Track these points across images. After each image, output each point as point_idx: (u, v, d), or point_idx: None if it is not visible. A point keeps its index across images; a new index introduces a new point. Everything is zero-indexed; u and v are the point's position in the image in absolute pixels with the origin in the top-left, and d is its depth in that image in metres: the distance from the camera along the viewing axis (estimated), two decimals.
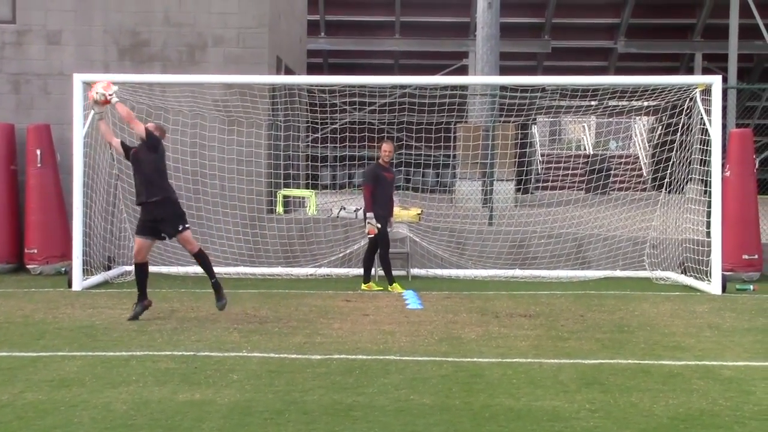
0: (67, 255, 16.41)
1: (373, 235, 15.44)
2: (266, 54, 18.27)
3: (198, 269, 17.12)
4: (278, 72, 19.51)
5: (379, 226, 15.36)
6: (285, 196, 18.90)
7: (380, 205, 15.43)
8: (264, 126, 18.03)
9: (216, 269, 16.91)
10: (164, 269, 17.29)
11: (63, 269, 16.80)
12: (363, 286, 15.46)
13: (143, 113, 17.67)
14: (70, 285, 15.28)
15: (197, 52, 18.21)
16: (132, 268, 16.98)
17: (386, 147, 15.61)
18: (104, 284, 15.97)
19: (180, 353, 10.16)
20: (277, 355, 10.10)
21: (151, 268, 17.14)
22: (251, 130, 17.89)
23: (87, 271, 15.93)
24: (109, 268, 16.94)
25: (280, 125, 18.61)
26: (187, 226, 12.73)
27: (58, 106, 17.81)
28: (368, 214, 15.41)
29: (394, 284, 15.41)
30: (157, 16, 18.22)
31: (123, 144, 13.12)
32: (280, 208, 18.59)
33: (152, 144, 12.61)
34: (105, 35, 18.21)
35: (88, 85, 15.99)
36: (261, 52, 18.24)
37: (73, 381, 8.92)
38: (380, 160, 15.62)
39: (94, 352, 10.27)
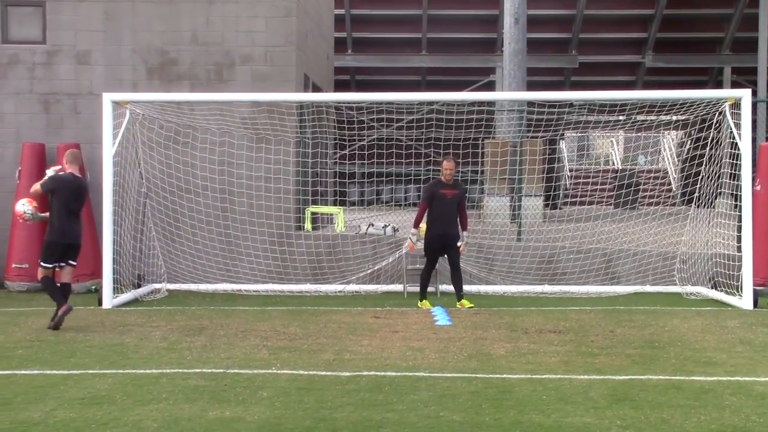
0: (96, 273, 16.51)
1: (411, 251, 15.91)
2: (294, 72, 18.35)
3: (227, 287, 17.28)
4: (306, 89, 19.59)
5: (419, 243, 15.64)
6: (313, 213, 18.94)
7: (436, 223, 15.34)
8: (292, 143, 18.10)
9: (245, 286, 17.16)
10: (193, 286, 17.37)
11: (93, 287, 16.90)
12: (419, 304, 15.45)
13: (172, 131, 17.84)
14: (100, 303, 15.36)
15: (225, 70, 18.31)
16: (161, 285, 17.17)
17: (446, 164, 15.42)
18: (134, 302, 16.03)
19: (210, 370, 10.18)
20: (306, 372, 10.10)
21: (180, 286, 17.38)
22: (279, 147, 17.96)
23: (117, 289, 16.01)
24: (139, 286, 17.02)
25: (307, 142, 18.67)
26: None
27: (87, 125, 17.96)
28: (411, 230, 15.70)
29: (423, 300, 15.43)
30: (185, 35, 18.35)
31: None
32: (308, 225, 18.63)
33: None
34: (134, 55, 18.36)
35: (117, 105, 16.17)
36: (288, 69, 18.32)
37: (104, 399, 8.95)
38: (442, 177, 15.48)
39: (125, 369, 10.31)
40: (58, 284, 13.36)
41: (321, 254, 17.94)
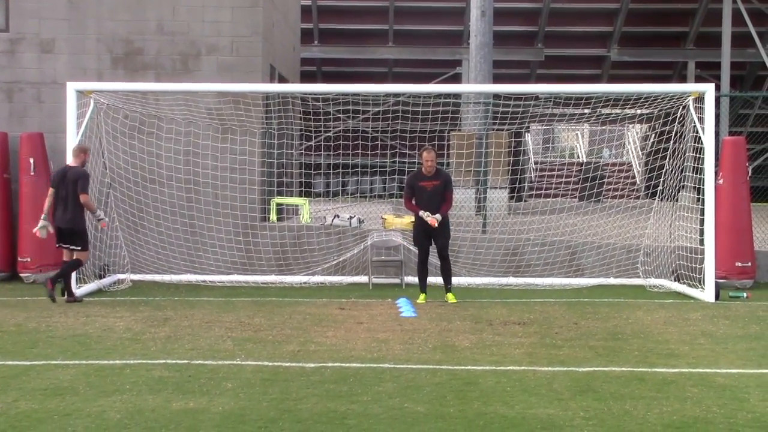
0: (60, 263, 16.35)
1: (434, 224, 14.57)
2: (260, 62, 18.29)
3: (191, 277, 17.22)
4: (272, 80, 19.53)
5: (438, 217, 14.59)
6: (278, 204, 18.90)
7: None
8: (257, 134, 18.04)
9: (209, 277, 17.10)
10: (158, 277, 17.30)
11: None
12: (419, 300, 14.93)
13: (136, 121, 17.73)
14: (63, 293, 15.25)
15: (191, 60, 18.22)
16: (125, 276, 17.07)
17: (425, 155, 14.82)
18: (98, 292, 15.94)
19: (174, 362, 10.14)
20: (271, 364, 10.09)
21: (145, 277, 17.30)
22: (245, 138, 17.90)
23: (80, 280, 15.90)
24: (102, 277, 16.91)
25: (273, 133, 18.62)
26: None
27: (51, 114, 17.82)
28: (420, 213, 14.64)
29: (422, 295, 15.04)
30: (150, 24, 18.24)
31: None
32: (273, 216, 18.59)
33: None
34: (98, 44, 18.22)
35: (82, 94, 16.06)
36: (254, 60, 18.26)
37: (67, 389, 8.90)
38: (423, 169, 14.86)
39: (88, 360, 10.26)
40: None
41: (286, 245, 17.91)
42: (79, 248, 14.89)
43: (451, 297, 14.93)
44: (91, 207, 15.01)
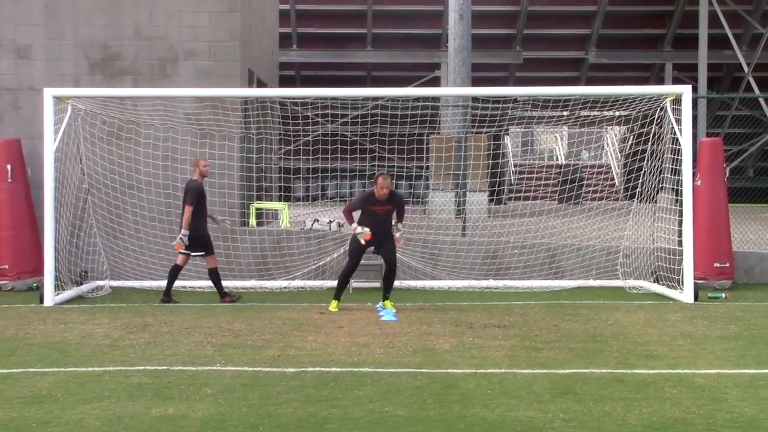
0: (39, 270, 16.28)
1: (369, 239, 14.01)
2: (238, 67, 18.26)
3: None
4: (250, 85, 19.49)
5: (368, 230, 13.95)
6: (258, 209, 18.86)
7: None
8: (236, 139, 18.01)
9: (189, 282, 17.03)
10: (137, 283, 17.24)
11: (35, 285, 16.69)
12: (332, 305, 14.48)
13: (114, 127, 17.67)
14: (41, 300, 15.18)
15: (168, 65, 18.17)
16: (103, 282, 17.00)
17: (381, 182, 14.02)
18: (77, 299, 15.87)
19: (153, 368, 10.10)
20: (251, 369, 10.07)
21: (124, 283, 17.22)
22: (223, 143, 17.86)
23: (59, 286, 15.82)
24: (80, 283, 16.83)
25: (252, 138, 18.59)
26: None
27: (28, 120, 17.73)
28: (353, 226, 14.16)
29: (335, 301, 14.56)
30: (127, 29, 18.18)
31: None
32: (253, 221, 18.55)
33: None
34: (75, 49, 18.14)
35: (59, 100, 15.99)
36: (233, 65, 18.22)
37: (45, 397, 8.85)
38: (375, 193, 14.11)
39: (67, 368, 10.21)
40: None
41: (266, 250, 17.88)
42: (202, 254, 15.51)
43: (389, 304, 14.27)
44: (185, 220, 15.27)
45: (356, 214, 14.45)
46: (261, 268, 17.80)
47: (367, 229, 14.01)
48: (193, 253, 15.47)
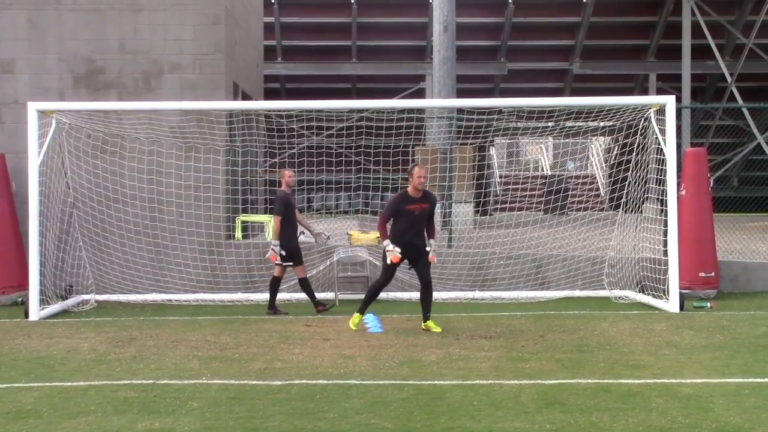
0: (24, 285, 16.24)
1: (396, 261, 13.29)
2: (223, 80, 18.26)
3: (157, 297, 17.14)
4: (235, 98, 19.50)
5: (398, 250, 13.25)
6: (244, 222, 18.85)
7: (401, 235, 13.41)
8: (221, 152, 18.00)
9: (175, 296, 17.01)
10: (122, 297, 17.19)
11: (20, 299, 16.62)
12: (354, 319, 13.82)
13: (99, 141, 17.65)
14: (26, 315, 15.13)
15: (153, 79, 18.16)
16: (89, 296, 16.95)
17: (418, 171, 13.41)
18: (62, 313, 15.81)
19: (139, 382, 10.07)
20: (237, 382, 10.05)
21: (110, 297, 17.17)
22: (209, 156, 17.84)
23: (44, 301, 15.77)
24: (66, 297, 16.78)
25: (237, 151, 18.58)
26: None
27: (12, 135, 17.69)
28: (385, 242, 13.40)
29: (359, 314, 13.95)
30: (112, 43, 18.16)
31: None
32: (239, 234, 18.53)
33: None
34: (60, 63, 18.12)
35: (43, 114, 15.96)
36: (217, 78, 18.22)
37: (30, 412, 8.81)
38: (409, 189, 13.47)
39: (52, 382, 10.17)
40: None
41: (252, 263, 17.86)
42: (291, 264, 15.56)
43: (432, 325, 13.53)
44: (275, 230, 15.36)
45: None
46: (247, 281, 17.78)
47: (398, 249, 13.21)
48: (284, 263, 15.57)
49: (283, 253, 15.33)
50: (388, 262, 13.34)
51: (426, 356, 11.45)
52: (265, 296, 17.09)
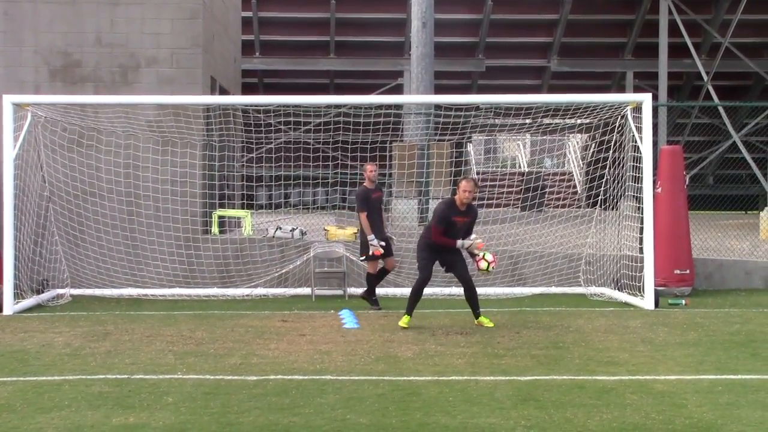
0: None
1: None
2: (200, 74, 18.20)
3: (132, 291, 17.07)
4: (213, 92, 19.44)
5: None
6: (220, 217, 18.80)
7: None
8: (198, 146, 17.94)
9: (150, 291, 16.95)
10: (98, 292, 17.11)
11: None
12: (404, 320, 13.68)
13: (75, 134, 17.55)
14: (0, 309, 15.04)
15: (130, 72, 18.08)
16: (64, 291, 16.86)
17: (466, 186, 13.52)
18: (36, 308, 15.73)
19: (114, 376, 10.04)
20: (212, 377, 10.03)
21: (85, 291, 17.09)
22: (185, 150, 17.79)
23: (18, 295, 15.69)
24: (41, 292, 16.69)
25: (214, 145, 18.53)
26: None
27: None
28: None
29: (407, 317, 13.75)
30: (88, 36, 18.07)
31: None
32: (215, 229, 18.48)
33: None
34: (35, 56, 18.01)
35: (19, 107, 15.86)
36: (195, 72, 18.16)
37: (3, 407, 8.76)
38: (456, 199, 13.60)
39: (26, 377, 10.11)
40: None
41: (228, 258, 17.82)
42: (362, 258, 15.58)
43: (485, 320, 13.67)
44: (364, 226, 15.26)
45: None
46: (224, 276, 17.75)
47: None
48: (361, 259, 15.71)
49: (383, 244, 15.27)
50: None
51: (402, 352, 11.46)
52: (241, 291, 17.10)
